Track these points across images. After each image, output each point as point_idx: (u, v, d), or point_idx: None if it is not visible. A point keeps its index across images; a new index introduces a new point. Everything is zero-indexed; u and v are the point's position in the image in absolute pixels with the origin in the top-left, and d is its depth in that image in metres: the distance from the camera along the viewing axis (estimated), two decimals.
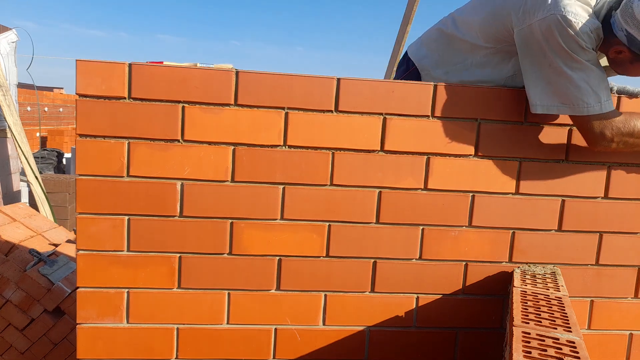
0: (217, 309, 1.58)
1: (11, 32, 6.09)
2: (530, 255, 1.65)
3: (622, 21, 1.40)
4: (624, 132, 1.48)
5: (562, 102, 1.47)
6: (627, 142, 1.49)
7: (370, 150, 1.54)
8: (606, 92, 1.47)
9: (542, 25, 1.43)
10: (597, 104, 1.45)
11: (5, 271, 2.78)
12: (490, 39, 1.64)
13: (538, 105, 1.50)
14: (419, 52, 1.89)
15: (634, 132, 1.48)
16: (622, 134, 1.48)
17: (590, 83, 1.44)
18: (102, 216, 1.49)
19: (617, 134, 1.47)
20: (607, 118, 1.46)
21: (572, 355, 1.15)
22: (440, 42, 1.82)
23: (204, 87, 1.46)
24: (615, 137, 1.48)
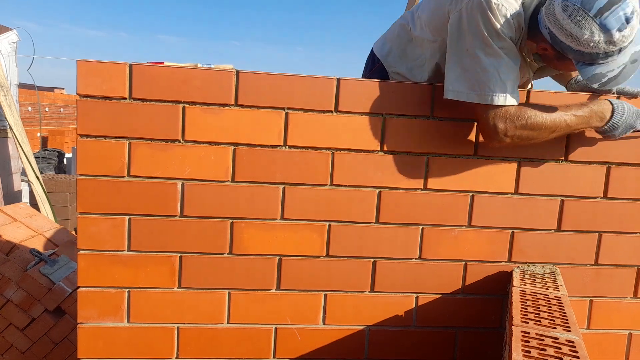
0: (217, 309, 1.58)
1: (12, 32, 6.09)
2: (530, 255, 1.65)
3: (545, 19, 1.38)
4: (517, 125, 1.43)
5: (471, 89, 1.43)
6: (521, 136, 1.45)
7: (370, 150, 1.55)
8: (513, 85, 1.43)
9: (468, 7, 1.42)
10: (502, 95, 1.41)
11: (6, 271, 2.79)
12: (436, 32, 1.62)
13: (449, 91, 1.47)
14: (384, 49, 1.87)
15: (527, 124, 1.43)
16: (515, 127, 1.43)
17: (500, 71, 1.41)
18: (103, 216, 1.49)
19: (511, 127, 1.43)
20: (504, 111, 1.42)
21: (572, 354, 1.16)
22: (402, 38, 1.80)
23: (204, 88, 1.47)
24: (509, 131, 1.43)
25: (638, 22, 1.33)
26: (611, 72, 1.38)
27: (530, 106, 1.45)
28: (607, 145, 1.61)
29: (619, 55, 1.36)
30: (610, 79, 1.39)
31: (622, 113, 1.49)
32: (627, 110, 1.49)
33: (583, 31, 1.31)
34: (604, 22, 1.29)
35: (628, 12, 1.29)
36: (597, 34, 1.31)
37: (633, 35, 1.33)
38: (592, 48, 1.33)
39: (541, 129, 1.44)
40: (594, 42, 1.32)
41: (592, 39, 1.31)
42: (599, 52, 1.34)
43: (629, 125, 1.50)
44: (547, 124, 1.44)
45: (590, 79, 1.40)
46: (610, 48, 1.33)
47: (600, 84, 1.40)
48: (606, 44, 1.32)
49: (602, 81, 1.39)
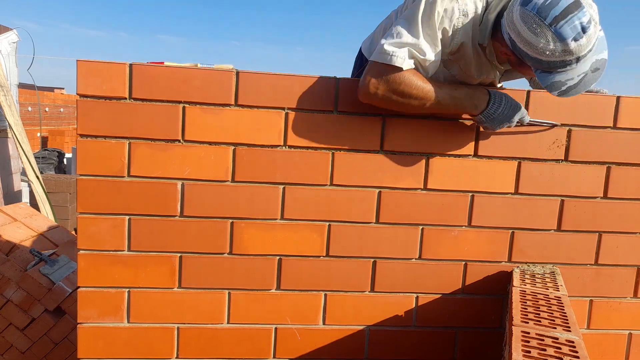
0: (217, 309, 1.58)
1: (12, 32, 6.09)
2: (530, 255, 1.65)
3: (505, 25, 1.37)
4: (389, 87, 1.40)
5: (381, 49, 1.40)
6: (390, 98, 1.42)
7: (370, 150, 1.55)
8: (405, 53, 1.39)
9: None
10: (400, 58, 1.38)
11: (6, 271, 2.79)
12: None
13: (369, 51, 1.44)
14: (371, 47, 1.83)
15: (397, 90, 1.40)
16: (387, 88, 1.40)
17: (409, 44, 1.39)
18: (103, 216, 1.49)
19: (383, 87, 1.40)
20: (384, 69, 1.40)
21: (572, 354, 1.16)
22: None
23: (204, 88, 1.47)
24: (379, 89, 1.41)
25: (596, 30, 1.30)
26: (571, 80, 1.35)
27: (411, 74, 1.41)
28: (607, 145, 1.61)
29: (577, 64, 1.33)
30: (570, 87, 1.36)
31: (499, 104, 1.46)
32: (504, 102, 1.46)
33: (539, 39, 1.29)
34: (559, 31, 1.27)
35: (584, 21, 1.26)
36: (553, 42, 1.28)
37: (591, 44, 1.30)
38: (548, 56, 1.31)
39: (411, 97, 1.42)
40: (549, 51, 1.30)
41: (547, 47, 1.29)
42: (556, 61, 1.31)
43: (506, 117, 1.47)
44: (417, 94, 1.41)
45: (549, 86, 1.37)
46: (567, 57, 1.30)
47: (559, 92, 1.37)
48: (563, 53, 1.29)
49: (561, 89, 1.36)
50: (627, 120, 1.61)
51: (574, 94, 1.38)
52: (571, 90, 1.37)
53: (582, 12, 1.26)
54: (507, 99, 1.48)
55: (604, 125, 1.60)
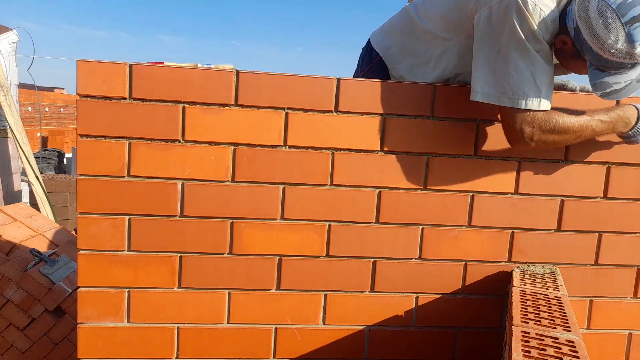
0: (217, 309, 1.58)
1: (12, 32, 6.09)
2: (530, 255, 1.65)
3: (576, 12, 1.35)
4: (544, 129, 1.40)
5: (503, 92, 1.40)
6: (547, 140, 1.43)
7: (371, 150, 1.55)
8: (548, 90, 1.40)
9: (501, 7, 1.37)
10: (537, 100, 1.38)
11: (6, 271, 2.78)
12: (451, 29, 1.58)
13: (478, 93, 1.43)
14: (384, 42, 1.82)
15: (554, 129, 1.41)
16: (542, 131, 1.41)
17: (535, 75, 1.37)
18: (103, 216, 1.49)
19: (538, 132, 1.41)
20: (532, 115, 1.40)
21: (572, 354, 1.16)
22: (405, 32, 1.75)
23: (204, 88, 1.47)
24: (535, 135, 1.41)
25: None
26: (617, 84, 1.36)
27: (557, 109, 1.43)
28: (607, 145, 1.61)
29: (631, 69, 1.34)
30: (614, 90, 1.37)
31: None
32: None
33: (609, 35, 1.29)
34: (632, 32, 1.27)
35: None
36: (622, 42, 1.28)
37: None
38: (610, 55, 1.31)
39: (567, 133, 1.43)
40: (615, 49, 1.30)
41: (615, 45, 1.29)
42: (615, 61, 1.32)
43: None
44: (573, 129, 1.42)
45: (595, 85, 1.38)
46: (627, 60, 1.31)
47: (603, 93, 1.38)
48: (625, 55, 1.30)
49: (605, 90, 1.37)
50: None
51: (614, 98, 1.40)
52: (614, 94, 1.38)
53: None
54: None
55: None
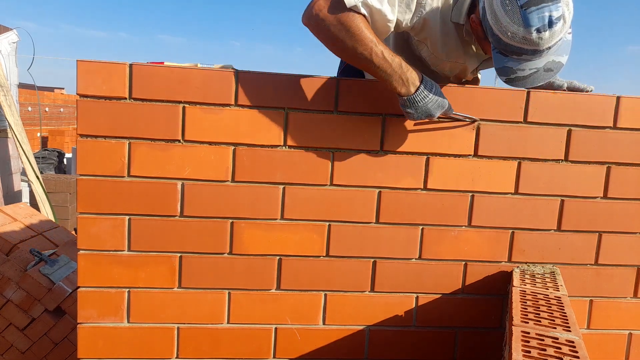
0: (217, 309, 1.58)
1: (12, 32, 6.09)
2: (530, 255, 1.65)
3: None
4: (335, 15, 1.29)
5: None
6: (327, 26, 1.30)
7: (371, 150, 1.55)
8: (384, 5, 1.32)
9: None
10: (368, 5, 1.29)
11: (6, 271, 2.78)
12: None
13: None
14: None
15: (343, 21, 1.29)
16: (333, 15, 1.29)
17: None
18: (103, 216, 1.49)
19: (328, 13, 1.29)
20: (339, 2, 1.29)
21: (572, 354, 1.16)
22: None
23: (204, 88, 1.47)
24: (321, 12, 1.30)
25: (564, 30, 1.26)
26: (522, 71, 1.32)
27: (360, 20, 1.31)
28: (607, 145, 1.61)
29: (533, 57, 1.29)
30: (518, 77, 1.33)
31: (427, 94, 1.36)
32: (434, 92, 1.37)
33: (505, 17, 1.26)
34: (527, 16, 1.23)
35: (554, 16, 1.22)
36: (517, 25, 1.25)
37: (553, 41, 1.27)
38: (508, 38, 1.28)
39: (348, 34, 1.30)
40: (511, 32, 1.26)
41: (510, 28, 1.26)
42: (514, 45, 1.28)
43: (429, 110, 1.38)
44: (356, 35, 1.30)
45: (499, 70, 1.34)
46: (525, 46, 1.27)
47: (507, 79, 1.34)
48: (522, 40, 1.26)
49: (509, 76, 1.33)
50: (627, 120, 1.60)
51: (521, 86, 1.36)
52: (519, 82, 1.34)
53: (556, 5, 1.23)
54: (437, 90, 1.39)
55: (604, 125, 1.60)
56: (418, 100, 1.36)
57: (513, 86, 1.36)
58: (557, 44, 1.29)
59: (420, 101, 1.36)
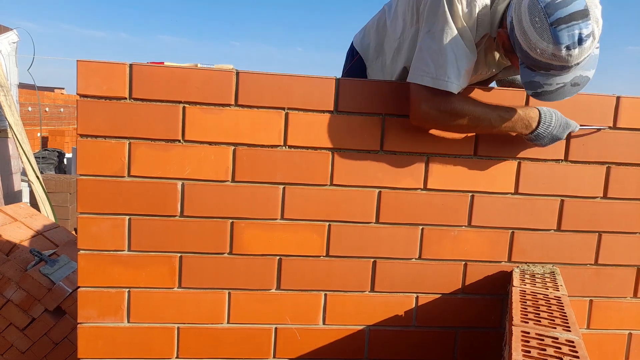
0: (217, 309, 1.58)
1: (12, 32, 6.09)
2: (530, 255, 1.65)
3: (513, 7, 1.34)
4: (441, 109, 1.41)
5: (426, 71, 1.40)
6: (443, 121, 1.44)
7: (370, 150, 1.55)
8: (466, 74, 1.40)
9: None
10: (456, 83, 1.38)
11: (6, 271, 2.78)
12: (407, 21, 1.59)
13: (411, 75, 1.44)
14: (363, 42, 1.84)
15: (450, 110, 1.41)
16: (439, 110, 1.41)
17: (457, 55, 1.38)
18: (103, 216, 1.50)
19: (435, 110, 1.41)
20: (434, 93, 1.40)
21: (572, 354, 1.16)
22: (379, 31, 1.77)
23: (204, 88, 1.47)
24: (432, 113, 1.42)
25: (592, 46, 1.26)
26: (549, 85, 1.33)
27: (461, 99, 1.42)
28: (607, 145, 1.61)
29: (561, 72, 1.30)
30: (545, 91, 1.34)
31: (549, 124, 1.47)
32: (554, 121, 1.47)
33: (535, 34, 1.27)
34: (557, 34, 1.24)
35: (584, 33, 1.23)
36: (547, 42, 1.26)
37: (581, 58, 1.27)
38: (537, 54, 1.29)
39: (463, 117, 1.42)
40: (540, 49, 1.27)
41: (539, 45, 1.27)
42: (542, 61, 1.29)
43: (555, 137, 1.49)
44: (470, 114, 1.42)
45: (527, 84, 1.36)
46: (554, 62, 1.28)
47: (534, 93, 1.36)
48: (551, 57, 1.27)
49: (536, 90, 1.35)
50: (627, 120, 1.61)
51: (547, 100, 1.37)
52: (545, 95, 1.35)
53: (585, 23, 1.23)
54: (557, 118, 1.48)
55: (604, 125, 1.60)
56: (541, 132, 1.48)
57: (540, 100, 1.39)
58: (585, 60, 1.30)
59: (544, 132, 1.48)
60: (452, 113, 1.42)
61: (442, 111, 1.42)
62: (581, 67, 1.31)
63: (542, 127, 1.47)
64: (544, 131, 1.47)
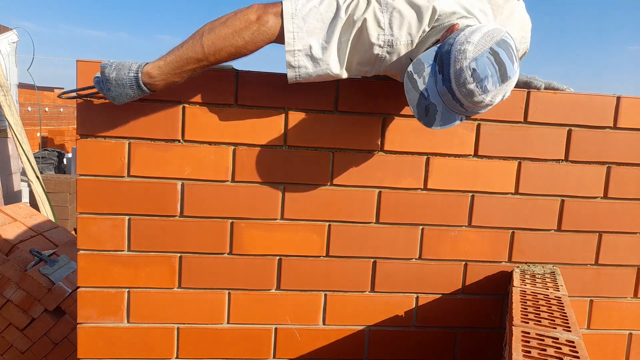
0: (217, 309, 1.58)
1: (12, 32, 6.09)
2: (530, 255, 1.65)
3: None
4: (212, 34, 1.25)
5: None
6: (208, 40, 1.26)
7: (370, 150, 1.55)
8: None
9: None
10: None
11: (6, 271, 2.78)
12: None
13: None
14: None
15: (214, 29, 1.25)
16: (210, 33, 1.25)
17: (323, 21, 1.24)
18: (103, 216, 1.49)
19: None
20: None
21: (572, 354, 1.16)
22: None
23: (204, 87, 1.47)
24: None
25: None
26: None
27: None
28: (608, 145, 1.61)
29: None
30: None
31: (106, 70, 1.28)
32: (117, 69, 1.28)
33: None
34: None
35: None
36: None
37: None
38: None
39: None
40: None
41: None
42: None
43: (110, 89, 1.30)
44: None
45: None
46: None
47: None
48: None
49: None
50: (627, 120, 1.60)
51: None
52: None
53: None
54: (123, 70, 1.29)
55: (604, 125, 1.60)
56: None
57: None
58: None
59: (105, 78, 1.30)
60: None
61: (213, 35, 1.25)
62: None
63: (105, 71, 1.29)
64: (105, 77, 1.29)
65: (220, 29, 1.26)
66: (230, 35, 1.25)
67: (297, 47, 1.26)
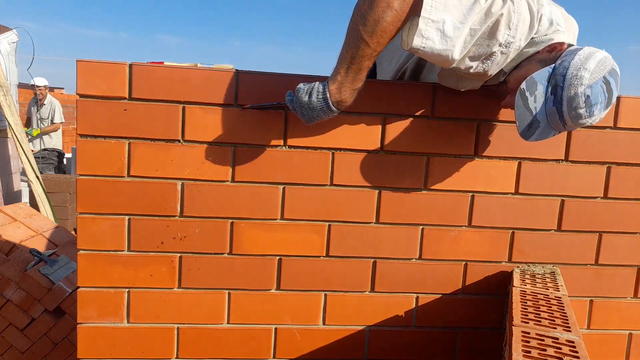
0: (217, 309, 1.58)
1: (12, 32, 6.09)
2: (530, 255, 1.65)
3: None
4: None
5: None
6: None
7: (371, 150, 1.55)
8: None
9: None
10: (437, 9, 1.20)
11: (5, 271, 2.78)
12: None
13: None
14: None
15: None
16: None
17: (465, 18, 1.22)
18: (103, 216, 1.49)
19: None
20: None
21: (572, 354, 1.16)
22: None
23: (204, 88, 1.47)
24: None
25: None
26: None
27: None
28: (608, 145, 1.61)
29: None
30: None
31: (301, 93, 1.32)
32: (308, 94, 1.31)
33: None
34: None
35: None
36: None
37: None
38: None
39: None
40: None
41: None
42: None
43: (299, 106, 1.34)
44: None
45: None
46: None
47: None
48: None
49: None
50: (627, 120, 1.60)
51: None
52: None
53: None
54: (313, 92, 1.32)
55: (604, 125, 1.60)
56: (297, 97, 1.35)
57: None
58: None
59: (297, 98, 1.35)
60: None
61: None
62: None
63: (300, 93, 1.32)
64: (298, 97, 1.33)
65: (372, 13, 1.21)
66: (382, 11, 1.20)
67: (432, 17, 1.21)
